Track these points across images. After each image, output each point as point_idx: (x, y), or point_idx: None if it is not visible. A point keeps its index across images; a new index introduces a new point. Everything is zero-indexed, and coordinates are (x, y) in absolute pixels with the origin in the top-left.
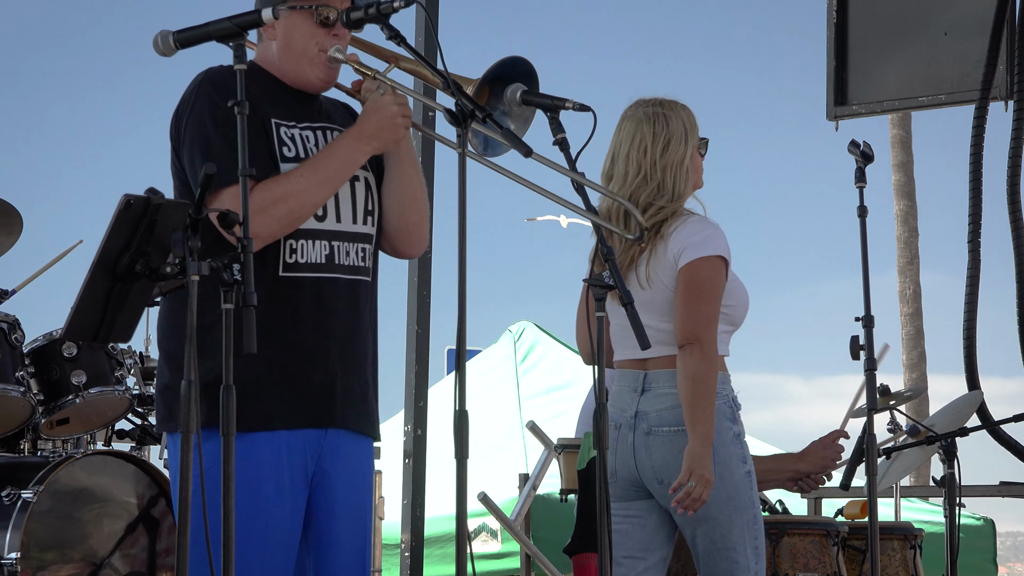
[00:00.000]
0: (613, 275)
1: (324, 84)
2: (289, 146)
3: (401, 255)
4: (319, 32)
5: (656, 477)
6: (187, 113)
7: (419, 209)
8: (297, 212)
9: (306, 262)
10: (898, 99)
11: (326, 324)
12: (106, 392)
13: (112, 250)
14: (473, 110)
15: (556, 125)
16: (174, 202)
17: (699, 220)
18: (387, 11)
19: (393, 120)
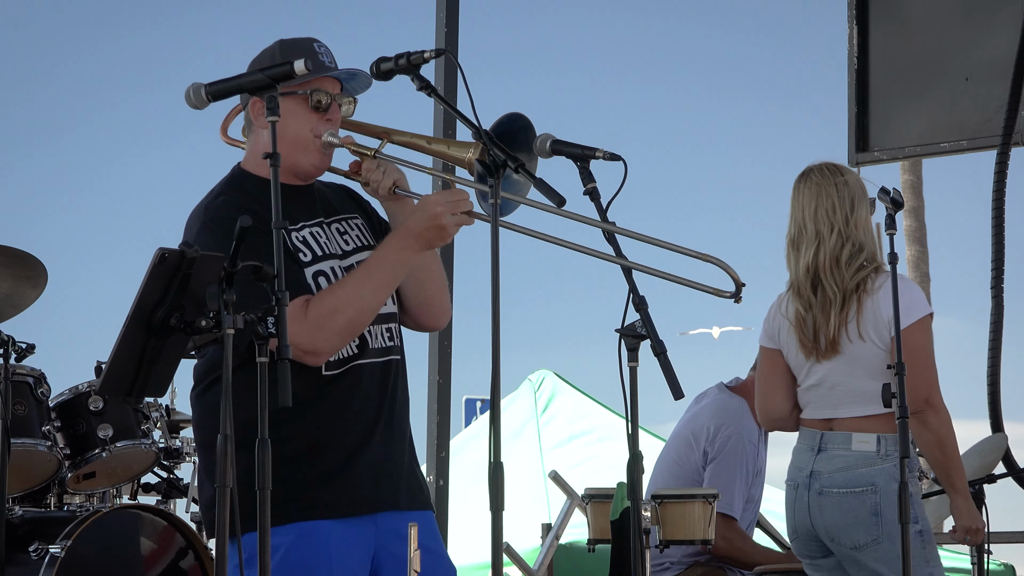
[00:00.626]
0: (645, 324)
1: (318, 171)
2: (304, 251)
3: (425, 328)
4: (312, 117)
5: (828, 535)
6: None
7: (436, 281)
8: (356, 321)
9: (347, 355)
10: (920, 145)
11: (367, 410)
12: (132, 446)
13: (147, 304)
14: (505, 160)
15: (586, 175)
16: (209, 255)
17: (902, 278)
18: (417, 62)
19: (438, 220)
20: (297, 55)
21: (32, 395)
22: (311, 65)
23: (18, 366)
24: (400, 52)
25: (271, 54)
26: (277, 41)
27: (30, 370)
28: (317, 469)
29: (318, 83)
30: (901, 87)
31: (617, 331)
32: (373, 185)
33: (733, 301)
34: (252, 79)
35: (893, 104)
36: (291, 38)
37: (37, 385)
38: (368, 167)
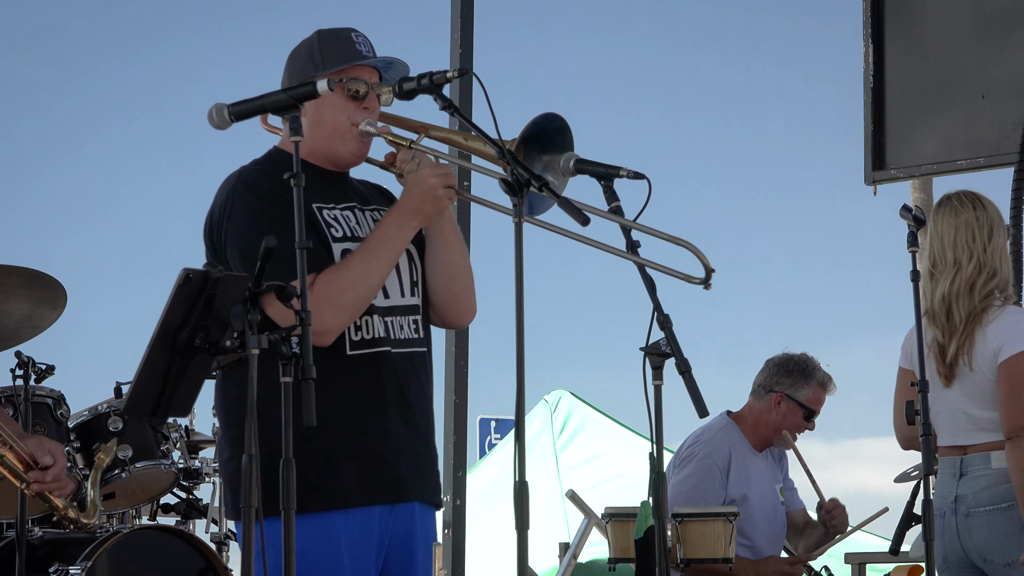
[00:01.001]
0: (670, 343)
1: (355, 159)
2: (336, 227)
3: (450, 325)
4: (350, 106)
5: (981, 556)
6: (228, 221)
7: (463, 277)
8: (364, 298)
9: (372, 337)
10: (936, 163)
11: (390, 398)
12: (152, 466)
13: (171, 324)
14: (529, 179)
15: (610, 193)
16: (233, 276)
17: (1015, 312)
18: (440, 81)
19: (434, 192)
20: (335, 45)
21: (51, 416)
22: (333, 86)
23: (37, 387)
24: (423, 72)
25: (309, 45)
26: (315, 32)
27: (49, 391)
28: (336, 454)
29: (355, 72)
30: (917, 105)
31: (642, 349)
32: (408, 176)
33: (702, 287)
34: (275, 99)
35: (909, 122)
36: (329, 28)
37: (56, 406)
38: (403, 158)
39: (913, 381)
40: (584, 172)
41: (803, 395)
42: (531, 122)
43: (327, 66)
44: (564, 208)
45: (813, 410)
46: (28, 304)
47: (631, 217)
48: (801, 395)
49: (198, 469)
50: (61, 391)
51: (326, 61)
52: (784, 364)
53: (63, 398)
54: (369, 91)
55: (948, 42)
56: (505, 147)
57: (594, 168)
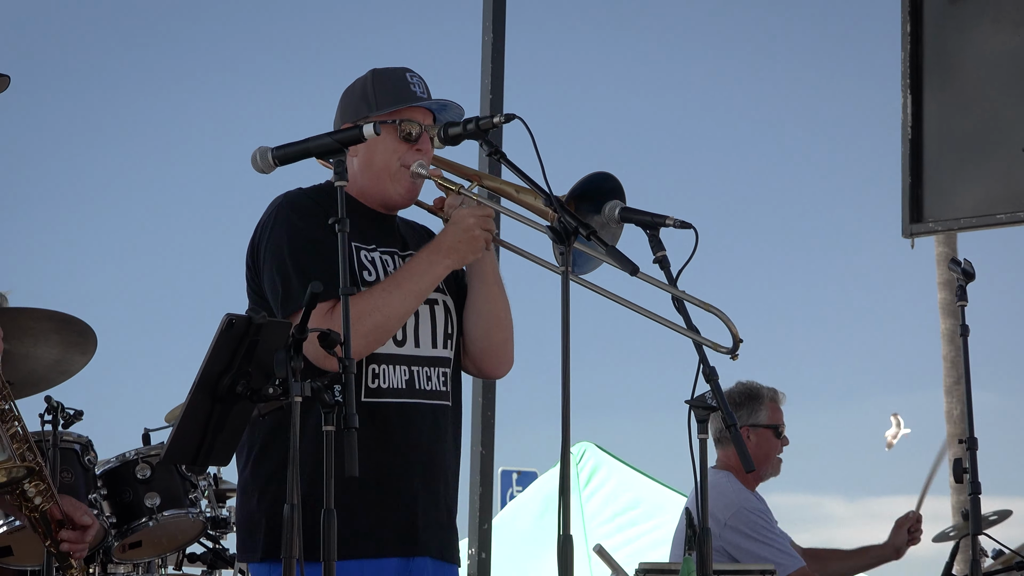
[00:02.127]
0: (716, 396)
1: (405, 201)
2: (370, 270)
3: (486, 376)
4: (402, 147)
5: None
6: (267, 238)
7: (504, 329)
8: (383, 327)
9: (388, 387)
10: (975, 216)
11: (408, 450)
12: (180, 515)
13: (213, 371)
14: (576, 227)
15: (656, 243)
16: (276, 322)
17: None
18: (486, 127)
19: (470, 233)
20: (389, 85)
21: (79, 462)
22: (379, 130)
23: (65, 432)
24: (468, 117)
25: (363, 84)
26: (370, 71)
27: (77, 437)
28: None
29: (409, 113)
30: (956, 157)
31: (687, 402)
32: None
33: (730, 358)
34: (321, 144)
35: (948, 175)
36: (384, 68)
37: (84, 452)
38: (451, 203)
39: (962, 439)
40: (629, 220)
41: (763, 417)
42: (583, 180)
43: (381, 106)
44: (612, 257)
45: (778, 426)
46: (58, 349)
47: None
48: (762, 418)
49: (225, 518)
50: (89, 437)
51: (380, 101)
52: (732, 399)
53: (90, 444)
54: (422, 133)
55: (988, 94)
56: (554, 195)
57: (640, 216)
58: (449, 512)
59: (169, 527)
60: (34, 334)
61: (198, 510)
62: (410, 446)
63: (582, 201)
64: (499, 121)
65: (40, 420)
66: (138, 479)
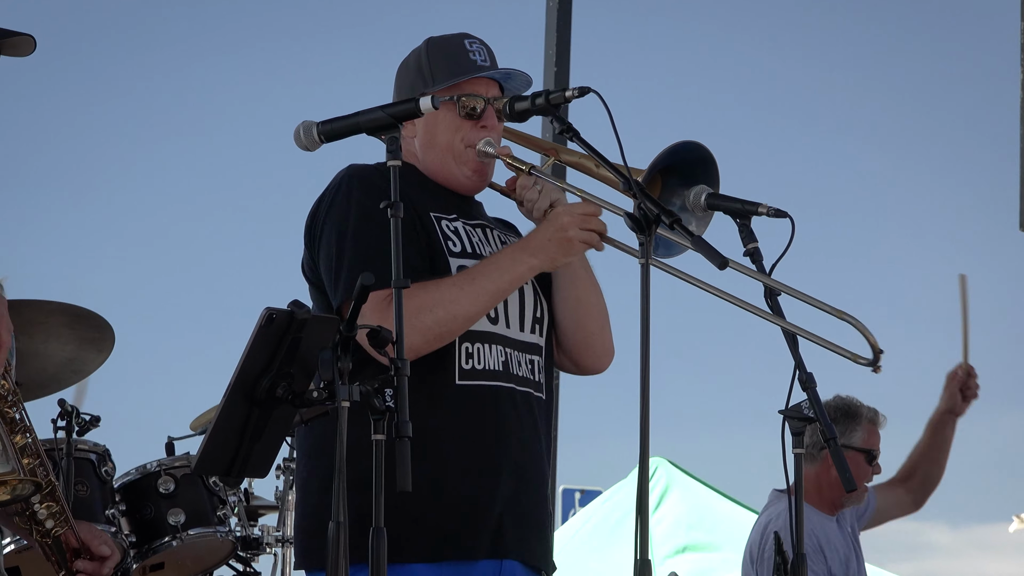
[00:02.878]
0: (813, 406)
1: (476, 184)
2: (454, 240)
3: (585, 370)
4: (464, 125)
5: None
6: (328, 213)
7: (596, 316)
8: (445, 325)
9: (483, 368)
10: None
11: (503, 441)
12: (207, 534)
13: (251, 372)
14: (659, 214)
15: (747, 233)
16: (321, 317)
17: None
18: (557, 101)
19: (562, 233)
20: (447, 55)
21: (95, 474)
22: (438, 103)
23: (80, 441)
24: (537, 90)
25: (417, 57)
26: (424, 41)
27: (93, 445)
28: (433, 500)
29: (470, 86)
30: None
31: (781, 412)
32: (528, 205)
33: (871, 370)
34: (371, 118)
35: None
36: (440, 36)
37: (101, 463)
38: (523, 184)
39: None
40: (717, 208)
41: (857, 439)
42: (667, 151)
43: (438, 80)
44: (698, 248)
45: (872, 451)
46: (72, 345)
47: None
48: (856, 440)
49: (258, 539)
50: (106, 445)
51: (437, 75)
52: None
53: (108, 453)
54: (487, 107)
55: None
56: (632, 177)
57: (729, 204)
58: (546, 515)
59: (195, 547)
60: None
61: (227, 528)
62: (505, 437)
63: (669, 175)
64: (572, 95)
65: (52, 426)
66: (161, 493)
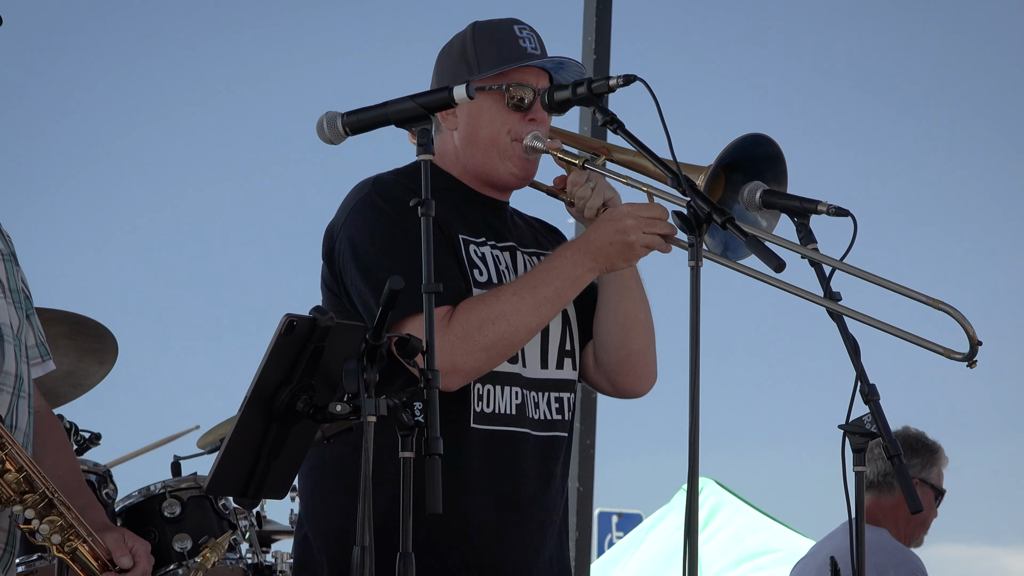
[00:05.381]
0: (876, 420)
1: (519, 181)
2: (481, 268)
3: (624, 393)
4: (512, 117)
5: None
6: (351, 231)
7: (643, 334)
8: (508, 339)
9: (494, 412)
10: None
11: (513, 488)
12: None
13: (269, 383)
14: (710, 213)
15: (805, 232)
16: (346, 324)
17: None
18: (600, 90)
19: (625, 236)
20: (494, 41)
21: (96, 496)
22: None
23: (80, 460)
24: (580, 78)
25: (462, 41)
26: (470, 25)
27: (94, 466)
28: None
29: (519, 75)
30: None
31: (841, 427)
32: (579, 204)
33: (966, 365)
34: (401, 108)
35: None
36: (487, 20)
37: (102, 484)
38: (575, 180)
39: None
40: (773, 207)
41: (934, 475)
42: (733, 144)
43: (484, 67)
44: (753, 249)
45: (943, 492)
46: (71, 357)
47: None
48: (932, 476)
49: (271, 566)
50: (107, 466)
51: (483, 62)
52: (908, 444)
53: (109, 475)
54: (536, 98)
55: None
56: (681, 172)
57: (786, 202)
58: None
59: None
60: None
61: (238, 556)
62: (516, 485)
63: (733, 171)
64: (617, 83)
65: None
66: (165, 517)
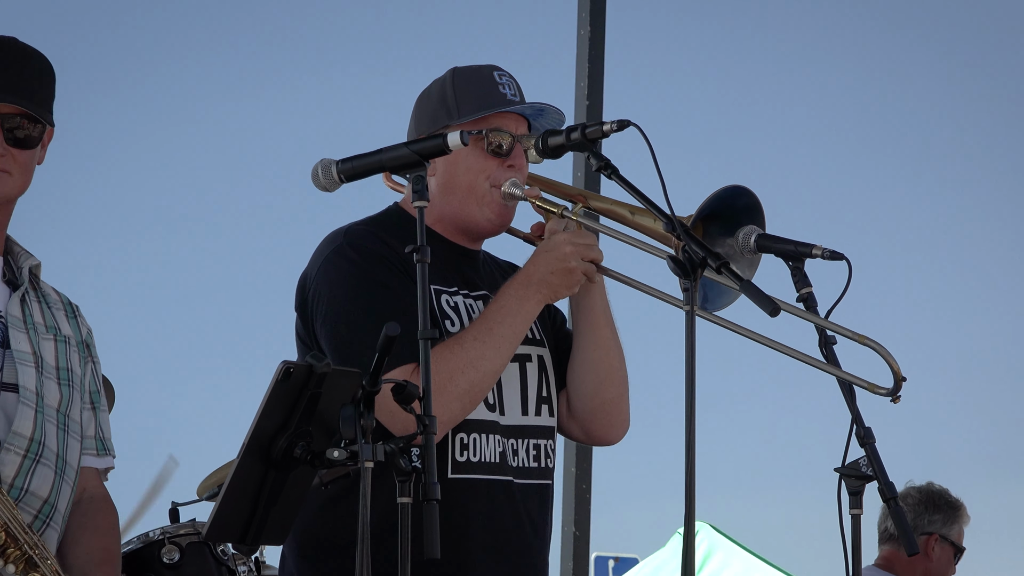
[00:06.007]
0: (871, 462)
1: (496, 227)
2: (453, 319)
3: (597, 441)
4: (490, 163)
5: None
6: (326, 287)
7: (617, 383)
8: (479, 386)
9: (479, 461)
10: None
11: (495, 540)
12: None
13: (266, 430)
14: (704, 258)
15: (800, 277)
16: (342, 371)
17: None
18: (594, 135)
19: (565, 263)
20: (474, 87)
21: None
22: (467, 139)
23: None
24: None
25: (442, 87)
26: (449, 70)
27: None
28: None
29: (498, 120)
30: None
31: (837, 471)
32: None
33: (890, 400)
34: (396, 155)
35: None
36: (467, 66)
37: None
38: (552, 228)
39: None
40: (768, 251)
41: (955, 533)
42: (712, 196)
43: (464, 113)
44: (749, 295)
45: (963, 550)
46: None
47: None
48: (953, 534)
49: None
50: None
51: (463, 107)
52: (931, 499)
53: None
54: (515, 145)
55: None
56: (677, 219)
57: (781, 246)
58: None
59: None
60: None
61: None
62: (497, 536)
63: (711, 222)
64: (611, 128)
65: None
66: (164, 563)
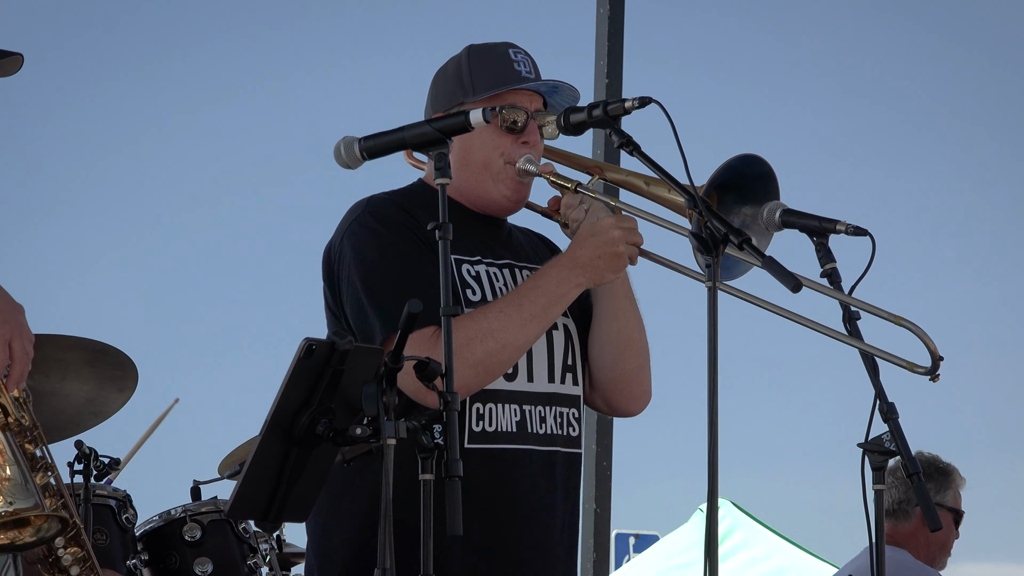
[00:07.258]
0: (895, 438)
1: (513, 204)
2: (474, 288)
3: (618, 412)
4: (505, 140)
5: None
6: (347, 254)
7: (637, 353)
8: (497, 357)
9: (495, 430)
10: None
11: (515, 509)
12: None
13: (289, 407)
14: (727, 234)
15: (824, 252)
16: (365, 348)
17: None
18: (616, 112)
19: (613, 248)
20: (489, 64)
21: (115, 521)
22: (489, 116)
23: (99, 486)
24: (595, 100)
25: (457, 64)
26: (465, 48)
27: (113, 491)
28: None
29: (512, 97)
30: None
31: (860, 446)
32: (573, 227)
33: (928, 379)
34: (417, 133)
35: None
36: (482, 44)
37: (121, 509)
38: (568, 203)
39: None
40: (792, 226)
41: (949, 498)
42: (724, 165)
43: (479, 90)
44: (770, 270)
45: (962, 513)
46: (91, 384)
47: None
48: (948, 499)
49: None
50: (127, 491)
51: (477, 85)
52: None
53: (129, 499)
54: (529, 121)
55: None
56: (699, 195)
57: (806, 221)
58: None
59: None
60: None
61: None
62: (517, 505)
63: (725, 192)
64: (633, 105)
65: (69, 470)
66: (186, 541)
